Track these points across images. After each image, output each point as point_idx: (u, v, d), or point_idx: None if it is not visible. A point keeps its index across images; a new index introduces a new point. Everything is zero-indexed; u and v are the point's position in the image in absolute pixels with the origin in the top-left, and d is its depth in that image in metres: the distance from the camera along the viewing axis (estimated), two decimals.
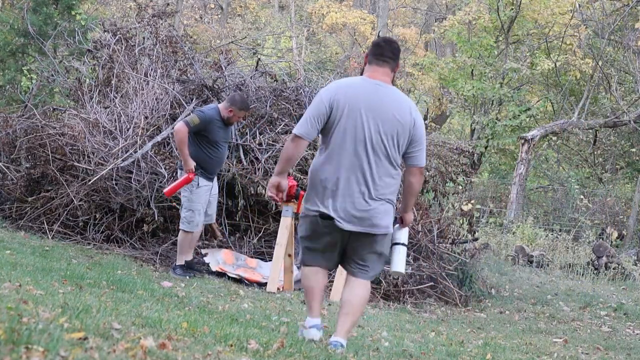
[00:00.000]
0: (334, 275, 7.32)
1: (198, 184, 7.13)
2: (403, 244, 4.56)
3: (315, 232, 4.38)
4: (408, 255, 8.20)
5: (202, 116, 7.05)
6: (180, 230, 7.24)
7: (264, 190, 8.23)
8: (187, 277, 7.06)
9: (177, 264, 7.26)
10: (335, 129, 4.28)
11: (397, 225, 4.57)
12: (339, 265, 4.61)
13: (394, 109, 4.31)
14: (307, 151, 8.66)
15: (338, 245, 4.38)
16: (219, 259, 7.82)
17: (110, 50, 9.86)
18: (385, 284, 7.98)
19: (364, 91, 4.33)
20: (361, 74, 4.56)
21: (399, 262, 4.54)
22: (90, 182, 8.21)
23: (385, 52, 4.43)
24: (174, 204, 8.14)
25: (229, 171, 8.32)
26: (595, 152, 20.80)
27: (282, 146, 8.58)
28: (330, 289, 7.16)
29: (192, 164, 7.01)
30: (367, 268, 4.42)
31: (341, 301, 4.51)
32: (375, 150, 4.28)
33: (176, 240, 7.54)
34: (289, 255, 7.33)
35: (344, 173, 4.27)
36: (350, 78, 4.80)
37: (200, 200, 7.16)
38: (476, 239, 9.65)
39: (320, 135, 4.35)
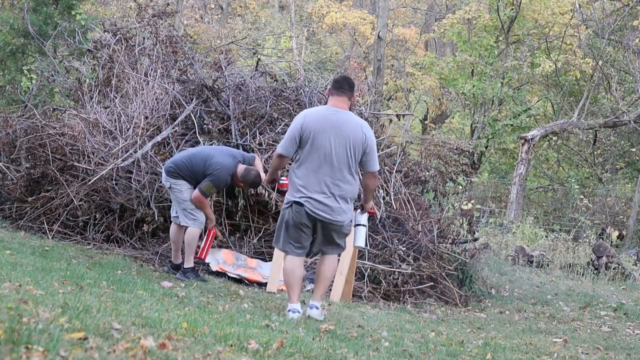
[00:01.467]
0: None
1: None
2: (364, 225, 6.10)
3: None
4: (408, 256, 8.21)
5: (218, 182, 6.93)
6: (188, 230, 7.00)
7: (264, 190, 8.24)
8: (200, 281, 6.90)
9: (187, 267, 7.02)
10: (306, 145, 5.59)
11: (358, 211, 6.03)
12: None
13: (349, 129, 5.60)
14: None
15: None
16: (219, 258, 7.82)
17: (110, 50, 9.86)
18: (385, 284, 7.98)
19: (327, 116, 5.64)
20: (326, 104, 5.99)
21: (360, 239, 6.09)
22: (90, 182, 8.21)
23: (343, 85, 5.76)
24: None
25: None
26: (595, 152, 20.80)
27: None
28: (330, 289, 7.16)
29: (214, 221, 7.16)
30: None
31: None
32: (338, 161, 5.58)
33: None
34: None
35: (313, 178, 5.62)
36: (316, 107, 6.29)
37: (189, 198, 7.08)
38: (476, 239, 9.65)
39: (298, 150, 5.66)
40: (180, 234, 7.13)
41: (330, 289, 7.13)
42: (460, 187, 12.61)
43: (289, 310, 5.53)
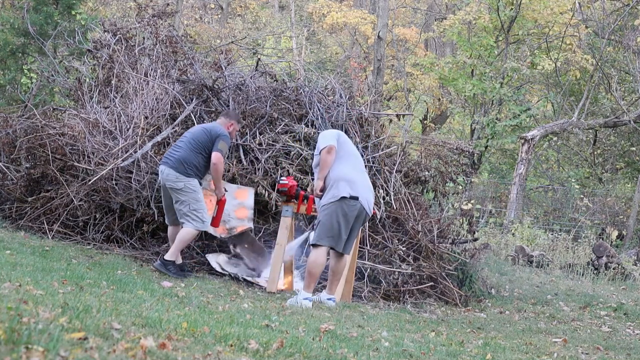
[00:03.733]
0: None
1: (201, 185, 7.26)
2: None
3: None
4: (408, 255, 8.22)
5: (228, 140, 7.21)
6: (187, 228, 7.01)
7: (264, 190, 8.24)
8: (180, 277, 6.82)
9: (170, 259, 6.93)
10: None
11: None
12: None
13: None
14: (307, 151, 8.67)
15: None
16: (219, 261, 7.83)
17: (110, 50, 9.86)
18: (385, 284, 7.98)
19: None
20: None
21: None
22: (90, 182, 8.21)
23: None
24: None
25: (228, 171, 8.31)
26: (595, 152, 20.80)
27: (283, 146, 8.62)
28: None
29: (223, 191, 7.27)
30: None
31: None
32: None
33: None
34: (289, 255, 7.33)
35: None
36: None
37: (202, 198, 7.21)
38: (476, 239, 9.65)
39: None
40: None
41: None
42: (460, 187, 12.61)
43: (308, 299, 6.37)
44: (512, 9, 19.35)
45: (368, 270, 8.01)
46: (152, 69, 9.44)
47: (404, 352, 4.70)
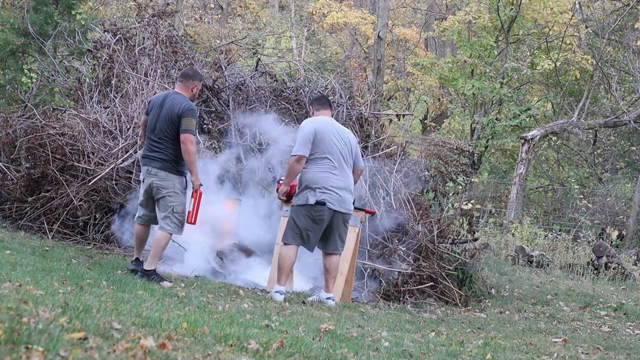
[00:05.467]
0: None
1: (187, 183, 6.55)
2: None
3: None
4: (408, 255, 8.21)
5: (194, 113, 6.41)
6: (163, 234, 6.39)
7: (264, 190, 8.24)
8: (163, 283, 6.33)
9: (150, 269, 6.35)
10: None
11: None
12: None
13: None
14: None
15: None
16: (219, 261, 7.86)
17: (110, 50, 9.86)
18: (385, 284, 7.98)
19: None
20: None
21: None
22: (90, 183, 8.21)
23: (324, 101, 6.96)
24: None
25: (229, 171, 8.31)
26: (595, 152, 20.79)
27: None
28: None
29: (199, 178, 6.46)
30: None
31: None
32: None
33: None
34: None
35: None
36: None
37: (187, 202, 6.53)
38: (476, 239, 9.65)
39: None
40: (148, 232, 6.64)
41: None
42: (460, 187, 12.62)
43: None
44: (512, 8, 19.35)
45: (368, 270, 8.01)
46: (152, 69, 9.44)
47: (404, 352, 4.70)
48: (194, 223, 6.47)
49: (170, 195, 6.40)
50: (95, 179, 8.17)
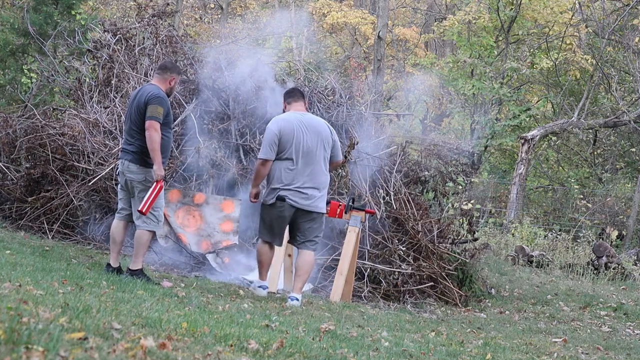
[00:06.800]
0: (333, 276, 7.34)
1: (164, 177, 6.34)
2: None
3: None
4: (408, 255, 8.21)
5: (162, 101, 6.20)
6: (141, 231, 6.25)
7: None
8: (150, 283, 6.16)
9: (136, 268, 6.22)
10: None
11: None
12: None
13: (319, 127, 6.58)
14: None
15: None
16: (219, 261, 7.85)
17: (110, 50, 9.86)
18: (385, 284, 7.98)
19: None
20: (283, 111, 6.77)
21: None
22: (90, 183, 8.21)
23: (296, 94, 6.79)
24: None
25: (229, 171, 8.31)
26: (595, 152, 20.79)
27: None
28: (330, 289, 7.17)
29: (162, 170, 6.18)
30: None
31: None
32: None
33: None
34: (289, 255, 7.33)
35: None
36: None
37: (162, 195, 6.34)
38: (476, 239, 9.66)
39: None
40: (125, 233, 6.44)
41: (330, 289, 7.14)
42: (460, 187, 12.61)
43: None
44: (512, 8, 19.35)
45: (368, 270, 8.01)
46: (152, 69, 9.43)
47: (404, 352, 4.70)
48: (145, 213, 6.10)
49: (142, 190, 6.21)
50: (95, 179, 8.17)
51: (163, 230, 7.71)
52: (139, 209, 6.08)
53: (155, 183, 6.11)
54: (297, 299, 6.32)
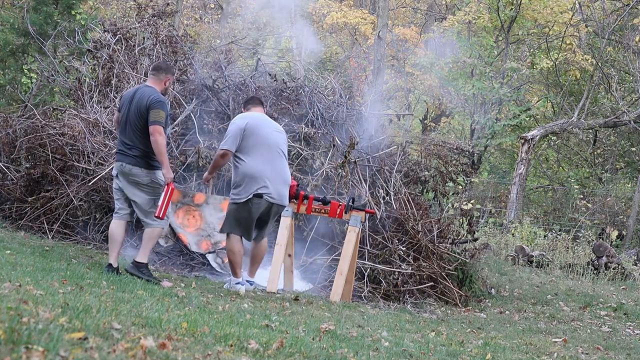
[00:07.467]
0: (333, 276, 7.33)
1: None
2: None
3: None
4: (408, 255, 8.21)
5: (164, 105, 6.28)
6: (150, 229, 6.33)
7: None
8: (152, 281, 6.19)
9: (142, 261, 6.30)
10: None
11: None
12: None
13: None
14: (307, 151, 8.66)
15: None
16: (219, 261, 7.85)
17: (110, 50, 9.87)
18: (385, 284, 7.98)
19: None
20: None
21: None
22: (90, 183, 8.22)
23: (255, 100, 7.12)
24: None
25: (229, 171, 8.31)
26: (595, 152, 20.79)
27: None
28: (330, 289, 7.17)
29: (171, 172, 6.29)
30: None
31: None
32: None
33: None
34: (289, 255, 7.33)
35: None
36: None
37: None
38: (476, 239, 9.66)
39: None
40: (124, 233, 6.47)
41: (330, 289, 7.13)
42: (460, 187, 12.61)
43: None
44: (512, 8, 19.35)
45: (368, 270, 8.01)
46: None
47: (404, 352, 4.70)
48: (162, 218, 6.25)
49: (148, 191, 6.29)
50: (95, 179, 8.17)
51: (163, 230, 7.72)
52: (156, 214, 6.19)
53: (166, 187, 6.21)
54: (253, 283, 6.79)
